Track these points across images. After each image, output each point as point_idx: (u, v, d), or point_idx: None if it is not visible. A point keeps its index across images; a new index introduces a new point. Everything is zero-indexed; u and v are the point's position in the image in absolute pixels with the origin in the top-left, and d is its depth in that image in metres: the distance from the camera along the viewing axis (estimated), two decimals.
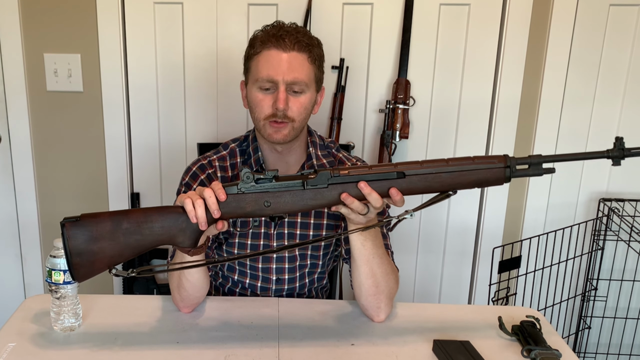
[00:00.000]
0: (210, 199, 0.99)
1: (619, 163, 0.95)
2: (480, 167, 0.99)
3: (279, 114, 1.18)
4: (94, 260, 0.98)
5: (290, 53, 1.18)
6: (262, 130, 1.23)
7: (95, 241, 0.98)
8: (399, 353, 1.09)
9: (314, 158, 1.31)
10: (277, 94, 1.18)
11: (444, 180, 0.99)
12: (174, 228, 1.00)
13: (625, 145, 0.94)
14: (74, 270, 0.98)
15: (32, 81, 1.95)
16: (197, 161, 1.33)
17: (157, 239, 1.00)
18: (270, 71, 1.18)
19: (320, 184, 1.01)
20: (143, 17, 1.91)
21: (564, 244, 1.96)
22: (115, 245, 0.99)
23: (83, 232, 0.97)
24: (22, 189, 2.04)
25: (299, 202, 1.01)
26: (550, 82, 1.92)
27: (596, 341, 2.14)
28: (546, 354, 1.05)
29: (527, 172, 0.98)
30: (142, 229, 0.99)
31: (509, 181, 0.99)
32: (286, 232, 1.31)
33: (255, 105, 1.22)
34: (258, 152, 1.30)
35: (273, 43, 1.18)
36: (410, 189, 1.00)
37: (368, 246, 1.14)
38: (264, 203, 1.01)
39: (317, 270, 1.37)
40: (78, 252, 0.97)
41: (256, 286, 1.35)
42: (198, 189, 1.02)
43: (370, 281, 1.16)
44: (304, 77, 1.19)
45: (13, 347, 1.07)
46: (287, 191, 1.01)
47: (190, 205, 0.99)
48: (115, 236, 0.98)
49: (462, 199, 2.06)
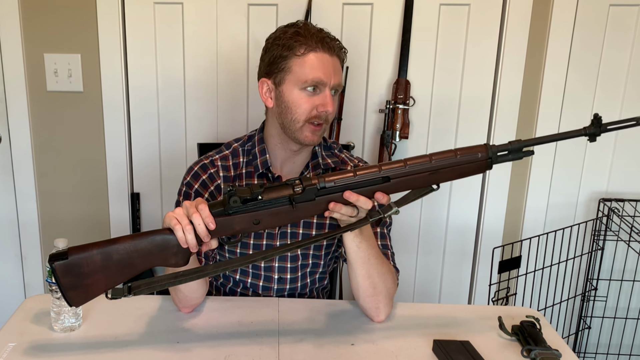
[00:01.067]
0: (200, 227, 1.00)
1: (595, 139, 0.97)
2: (463, 161, 1.01)
3: (323, 115, 1.20)
4: (89, 291, 0.99)
5: (334, 57, 1.21)
6: (299, 131, 1.21)
7: (88, 276, 0.98)
8: (399, 353, 1.09)
9: (319, 157, 1.31)
10: (323, 96, 1.19)
11: (428, 178, 1.02)
12: (164, 252, 1.01)
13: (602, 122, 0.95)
14: (69, 301, 0.99)
15: (32, 81, 1.95)
16: (199, 161, 1.33)
17: (149, 264, 1.01)
18: (321, 74, 1.18)
19: (307, 199, 1.02)
20: (143, 17, 1.91)
21: (564, 244, 1.96)
22: (109, 276, 0.99)
23: (74, 269, 0.98)
24: (22, 189, 2.04)
25: (288, 217, 1.03)
26: (550, 82, 1.92)
27: (596, 341, 2.14)
28: (546, 354, 1.05)
29: (508, 158, 1.01)
30: (132, 258, 1.00)
31: (491, 169, 1.02)
32: (289, 231, 1.30)
33: (297, 106, 1.20)
34: (265, 154, 1.29)
35: (319, 46, 1.19)
36: (395, 189, 1.03)
37: (363, 248, 1.14)
38: (252, 221, 1.02)
39: (319, 270, 1.37)
40: (71, 287, 0.98)
41: (258, 285, 1.35)
42: (185, 207, 1.02)
43: (367, 283, 1.16)
44: (341, 80, 1.23)
45: (13, 347, 1.07)
46: (275, 208, 1.02)
47: (180, 232, 1.00)
48: (107, 268, 0.99)
49: (462, 199, 2.06)
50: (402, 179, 1.01)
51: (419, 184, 1.02)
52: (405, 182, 1.02)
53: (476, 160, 1.01)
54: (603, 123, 0.95)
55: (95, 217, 2.06)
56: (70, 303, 1.00)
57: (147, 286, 1.02)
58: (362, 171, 1.02)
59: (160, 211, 2.08)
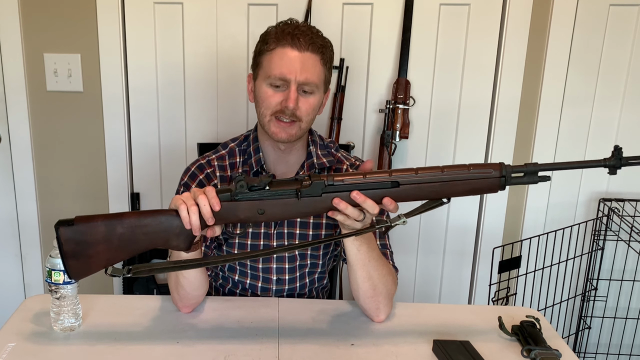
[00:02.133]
0: (205, 208, 0.99)
1: (615, 172, 0.94)
2: (476, 177, 0.98)
3: (288, 112, 1.19)
4: (90, 262, 0.99)
5: (305, 53, 1.18)
6: (267, 126, 1.22)
7: (90, 246, 0.98)
8: (399, 353, 1.09)
9: (314, 157, 1.31)
10: (287, 92, 1.18)
11: (438, 189, 0.99)
12: (168, 232, 1.01)
13: (623, 155, 0.93)
14: (69, 271, 1.00)
15: (32, 81, 1.95)
16: (195, 161, 1.33)
17: (151, 243, 1.01)
18: (284, 69, 1.17)
19: (314, 194, 1.00)
20: (143, 17, 1.91)
21: (564, 244, 1.96)
22: (110, 249, 0.99)
23: (77, 237, 0.98)
24: (22, 189, 2.04)
25: (292, 210, 1.02)
26: (550, 82, 1.92)
27: (596, 341, 2.14)
28: (546, 354, 1.05)
29: (522, 180, 0.98)
30: (136, 234, 0.99)
31: (504, 189, 0.99)
32: (286, 232, 1.30)
33: (262, 100, 1.22)
34: (259, 152, 1.30)
35: (288, 41, 1.18)
36: (404, 197, 1.00)
37: (363, 250, 1.13)
38: (257, 210, 1.01)
39: (317, 270, 1.37)
40: (73, 255, 0.98)
41: (257, 287, 1.35)
42: (193, 191, 1.02)
43: (367, 284, 1.16)
44: (315, 78, 1.19)
45: (13, 347, 1.07)
46: (280, 199, 1.01)
47: (184, 212, 0.99)
48: (109, 241, 0.99)
49: (462, 199, 2.05)
50: (412, 186, 0.99)
51: (428, 194, 1.00)
52: (414, 189, 0.99)
53: (489, 177, 0.97)
54: (624, 157, 0.93)
55: None
56: (70, 274, 0.99)
57: (147, 268, 1.02)
58: (373, 175, 1.01)
59: None
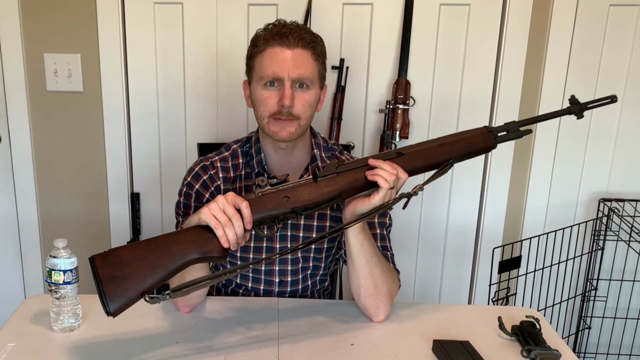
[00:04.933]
0: (239, 230, 1.01)
1: (582, 115, 1.08)
2: (469, 134, 1.11)
3: (284, 110, 1.18)
4: (127, 285, 0.95)
5: (295, 50, 1.18)
6: (266, 127, 1.22)
7: (126, 265, 0.96)
8: (399, 353, 1.09)
9: (319, 160, 1.30)
10: (282, 90, 1.18)
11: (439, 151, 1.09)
12: (202, 239, 1.01)
13: (579, 101, 1.08)
14: (107, 297, 0.94)
15: (32, 81, 1.95)
16: (199, 162, 1.33)
17: (186, 254, 0.99)
18: (276, 68, 1.17)
19: (329, 172, 1.06)
20: (143, 17, 1.91)
21: (564, 244, 1.96)
22: (147, 266, 0.97)
23: (112, 259, 0.97)
24: (22, 189, 2.04)
25: (315, 192, 1.06)
26: (550, 83, 1.92)
27: (596, 341, 2.14)
28: (546, 354, 1.05)
29: (509, 137, 1.10)
30: (170, 245, 0.99)
31: (495, 146, 1.11)
32: (289, 234, 1.30)
33: (259, 102, 1.22)
34: (261, 153, 1.29)
35: (277, 40, 1.18)
36: (411, 163, 1.08)
37: (366, 245, 1.14)
38: (283, 198, 1.04)
39: (319, 272, 1.37)
40: (109, 279, 0.95)
41: (259, 289, 1.34)
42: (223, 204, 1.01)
43: (369, 281, 1.16)
44: (308, 73, 1.19)
45: (13, 347, 1.07)
46: (301, 185, 1.06)
47: (221, 231, 1.00)
48: (144, 256, 0.98)
49: (462, 199, 2.06)
50: (415, 151, 1.09)
51: (431, 156, 1.09)
52: (418, 154, 1.08)
53: (479, 132, 1.10)
54: (582, 102, 1.07)
55: (95, 217, 2.06)
56: (107, 302, 0.94)
57: (184, 286, 0.98)
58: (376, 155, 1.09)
59: (160, 211, 2.08)
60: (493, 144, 1.10)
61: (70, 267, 1.10)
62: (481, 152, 1.11)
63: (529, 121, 1.09)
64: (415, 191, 1.04)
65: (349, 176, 1.06)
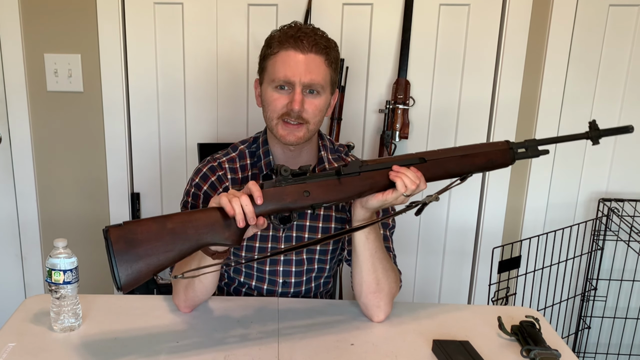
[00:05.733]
0: (247, 207, 1.00)
1: (598, 142, 1.10)
2: (491, 149, 1.10)
3: (293, 114, 1.18)
4: (141, 266, 0.95)
5: (308, 55, 1.17)
6: (275, 129, 1.22)
7: (141, 243, 0.96)
8: (399, 353, 1.09)
9: (326, 162, 1.30)
10: (293, 94, 1.18)
11: (459, 162, 1.09)
12: (217, 226, 1.00)
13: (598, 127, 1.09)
14: (119, 275, 0.94)
15: (32, 81, 1.95)
16: (206, 162, 1.32)
17: (201, 238, 0.99)
18: (288, 72, 1.17)
19: (352, 172, 1.06)
20: (143, 17, 1.91)
21: (564, 244, 1.96)
22: (162, 247, 0.97)
23: (128, 235, 0.96)
24: (22, 189, 2.04)
25: (335, 190, 1.06)
26: (550, 82, 1.92)
27: (596, 341, 2.14)
28: (545, 354, 1.05)
29: (527, 154, 1.10)
30: (186, 228, 0.98)
31: (514, 162, 1.11)
32: (294, 235, 1.30)
33: (268, 103, 1.21)
34: (269, 155, 1.29)
35: (291, 44, 1.17)
36: (431, 172, 1.09)
37: (371, 239, 1.14)
38: (303, 193, 1.04)
39: (324, 274, 1.37)
40: (123, 256, 0.95)
41: (262, 288, 1.34)
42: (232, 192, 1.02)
43: (371, 277, 1.16)
44: (320, 79, 1.19)
45: (13, 347, 1.07)
46: (323, 181, 1.05)
47: (228, 205, 0.99)
48: (160, 237, 0.97)
49: (462, 199, 2.06)
50: (437, 160, 1.09)
51: (452, 167, 1.10)
52: (439, 163, 1.09)
53: (501, 148, 1.10)
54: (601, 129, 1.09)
55: (95, 217, 2.06)
56: (119, 280, 0.94)
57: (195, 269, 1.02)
58: (399, 157, 1.09)
59: (161, 211, 2.08)
60: (511, 161, 1.11)
61: (70, 267, 1.10)
62: (499, 167, 1.12)
63: (547, 141, 1.10)
64: (431, 200, 1.05)
65: (372, 177, 1.07)
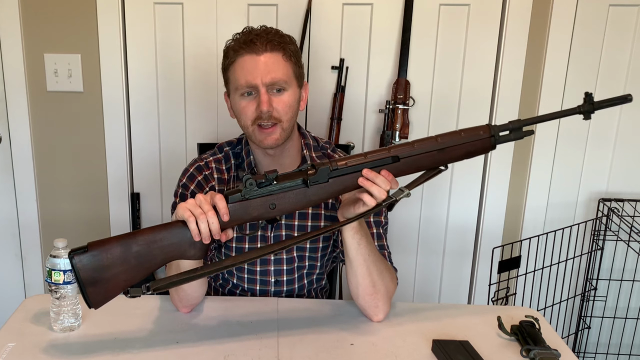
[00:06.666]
0: (213, 226, 1.00)
1: (590, 117, 1.02)
2: (469, 140, 1.03)
3: (264, 115, 1.18)
4: (108, 287, 0.98)
5: (264, 55, 1.18)
6: (253, 136, 1.23)
7: (107, 269, 0.97)
8: (399, 353, 1.09)
9: (309, 160, 1.31)
10: (259, 97, 1.19)
11: (436, 157, 1.04)
12: (182, 243, 1.01)
13: (594, 100, 1.01)
14: (90, 299, 0.98)
15: (32, 81, 1.95)
16: (193, 162, 1.34)
17: (167, 257, 1.01)
18: (248, 76, 1.18)
19: (321, 180, 1.02)
20: (143, 17, 1.91)
21: (564, 244, 1.96)
22: (128, 270, 0.99)
23: (93, 262, 0.97)
24: (22, 189, 2.05)
25: (303, 200, 1.03)
26: (549, 82, 1.92)
27: (596, 341, 2.14)
28: (545, 354, 1.05)
29: (510, 137, 1.04)
30: (152, 249, 1.00)
31: (494, 148, 1.05)
32: (284, 234, 1.31)
33: (240, 112, 1.23)
34: (250, 156, 1.30)
35: (245, 49, 1.18)
36: (406, 170, 1.04)
37: (363, 244, 1.14)
38: (269, 206, 1.02)
39: (316, 271, 1.37)
40: (91, 282, 0.97)
41: (255, 289, 1.35)
42: (199, 199, 1.01)
43: (367, 281, 1.16)
44: (281, 75, 1.19)
45: (13, 347, 1.07)
46: (290, 191, 1.03)
47: (193, 225, 0.99)
48: (126, 261, 0.98)
49: (462, 199, 2.06)
50: (412, 158, 1.03)
51: (427, 163, 1.04)
52: (414, 161, 1.04)
53: (481, 137, 1.03)
54: (595, 101, 1.00)
55: (95, 217, 2.06)
56: (90, 303, 0.98)
57: (165, 283, 1.01)
58: (372, 153, 1.04)
59: (160, 211, 2.08)
60: (492, 147, 1.05)
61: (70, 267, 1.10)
62: (478, 155, 1.07)
63: (532, 120, 1.03)
64: (402, 196, 1.03)
65: (341, 183, 1.04)
